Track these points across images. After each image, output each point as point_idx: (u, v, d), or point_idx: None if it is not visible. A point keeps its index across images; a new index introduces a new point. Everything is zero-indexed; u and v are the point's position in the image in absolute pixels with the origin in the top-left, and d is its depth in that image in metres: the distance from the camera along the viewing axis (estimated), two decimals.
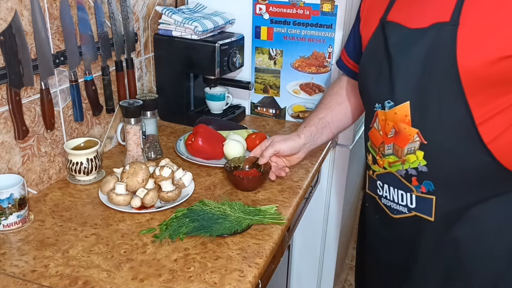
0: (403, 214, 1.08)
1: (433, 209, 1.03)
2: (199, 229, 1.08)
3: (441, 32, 0.93)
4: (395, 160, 1.05)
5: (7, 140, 1.15)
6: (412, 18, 0.99)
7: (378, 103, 1.05)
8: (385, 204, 1.13)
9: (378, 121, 1.07)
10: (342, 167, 1.82)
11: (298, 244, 2.00)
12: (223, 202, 1.17)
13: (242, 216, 1.13)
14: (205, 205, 1.16)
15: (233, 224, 1.10)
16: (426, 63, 0.95)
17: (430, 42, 0.94)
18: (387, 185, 1.10)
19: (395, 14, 1.04)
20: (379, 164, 1.10)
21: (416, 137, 0.99)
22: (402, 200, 1.07)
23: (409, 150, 1.01)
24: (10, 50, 1.10)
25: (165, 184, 1.20)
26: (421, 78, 0.96)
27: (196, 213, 1.12)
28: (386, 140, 1.06)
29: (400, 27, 1.01)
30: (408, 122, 1.00)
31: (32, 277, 0.95)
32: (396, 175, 1.06)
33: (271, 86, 1.81)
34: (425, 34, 0.95)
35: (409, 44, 0.98)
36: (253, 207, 1.17)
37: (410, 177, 1.03)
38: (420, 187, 1.03)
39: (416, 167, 1.01)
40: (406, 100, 0.99)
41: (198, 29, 1.59)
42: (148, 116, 1.44)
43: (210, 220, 1.10)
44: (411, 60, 0.97)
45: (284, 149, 1.29)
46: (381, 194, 1.13)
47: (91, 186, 1.30)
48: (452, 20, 0.91)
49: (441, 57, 0.93)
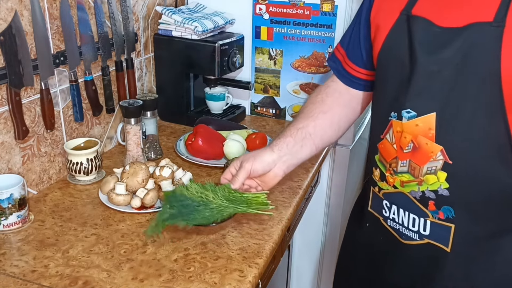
0: (414, 241, 0.94)
1: (450, 238, 0.90)
2: (176, 216, 0.97)
3: (482, 33, 0.80)
4: (410, 179, 0.91)
5: (7, 140, 1.15)
6: (443, 15, 0.85)
7: (394, 111, 0.90)
8: (392, 227, 0.98)
9: (392, 132, 0.92)
10: (342, 167, 1.82)
11: (298, 244, 2.00)
12: (208, 186, 1.03)
13: (225, 204, 1.00)
14: (187, 189, 1.02)
15: (213, 213, 0.98)
16: (460, 68, 0.82)
17: (466, 45, 0.81)
18: (396, 206, 0.96)
19: (421, 7, 0.89)
20: (389, 181, 0.95)
21: (440, 155, 0.86)
22: (414, 225, 0.93)
23: (429, 170, 0.88)
24: (10, 50, 1.10)
25: (165, 184, 1.20)
26: (453, 86, 0.83)
27: (177, 198, 1.00)
28: (400, 156, 0.91)
29: (428, 23, 0.86)
30: (431, 137, 0.86)
31: (32, 277, 0.95)
32: (408, 197, 0.92)
33: (271, 86, 1.81)
34: (460, 35, 0.82)
35: (439, 45, 0.84)
36: (239, 194, 1.03)
37: (426, 200, 0.90)
38: (437, 213, 0.90)
39: (436, 189, 0.88)
40: (431, 111, 0.85)
41: (198, 29, 1.59)
42: (148, 116, 1.44)
43: (189, 207, 0.98)
44: (442, 65, 0.83)
45: (256, 167, 1.04)
46: (387, 216, 0.99)
47: (91, 186, 1.30)
48: (496, 21, 0.79)
49: (480, 62, 0.80)
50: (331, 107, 1.12)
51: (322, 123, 1.10)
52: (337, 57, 1.13)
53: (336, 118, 1.12)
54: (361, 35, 1.05)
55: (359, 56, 1.07)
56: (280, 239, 1.13)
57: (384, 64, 0.95)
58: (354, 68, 1.09)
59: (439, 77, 0.84)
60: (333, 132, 1.13)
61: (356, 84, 1.11)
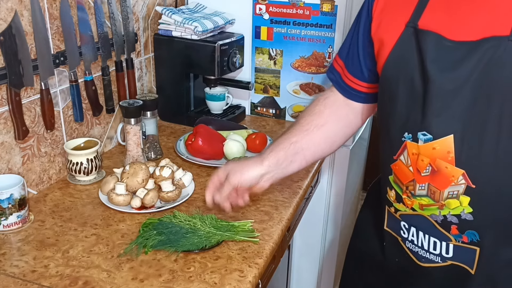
0: (435, 264, 0.90)
1: (475, 260, 0.86)
2: (165, 243, 1.03)
3: (500, 48, 0.75)
4: (430, 203, 0.86)
5: (7, 140, 1.15)
6: (454, 27, 0.80)
7: (408, 132, 0.85)
8: (410, 249, 0.94)
9: (407, 154, 0.87)
10: (342, 167, 1.82)
11: (298, 244, 2.00)
12: (195, 216, 1.11)
13: (213, 231, 1.06)
14: (175, 217, 1.09)
15: (202, 240, 1.03)
16: (478, 86, 0.77)
17: (484, 60, 0.76)
18: (415, 228, 0.91)
19: (429, 19, 0.83)
20: (406, 204, 0.90)
21: (461, 179, 0.81)
22: (435, 248, 0.89)
23: (450, 194, 0.83)
24: (10, 50, 1.10)
25: (165, 184, 1.20)
26: (473, 106, 0.77)
27: (165, 226, 1.06)
28: (418, 179, 0.86)
29: (439, 37, 0.81)
30: (451, 160, 0.81)
31: (32, 277, 0.95)
32: (429, 220, 0.88)
33: (271, 86, 1.81)
34: (476, 49, 0.77)
35: (453, 61, 0.78)
36: (226, 222, 1.10)
37: (449, 224, 0.85)
38: (461, 237, 0.86)
39: (459, 214, 0.83)
40: (449, 133, 0.80)
41: (198, 29, 1.59)
42: (148, 116, 1.44)
43: (178, 234, 1.04)
44: (458, 83, 0.78)
45: (243, 182, 1.02)
46: (406, 237, 0.94)
47: (91, 186, 1.30)
48: None
49: (501, 79, 0.75)
50: (327, 120, 1.07)
51: (316, 137, 1.06)
52: (336, 69, 1.08)
53: (331, 133, 1.08)
54: (359, 49, 1.01)
55: (359, 70, 1.03)
56: (280, 239, 1.13)
57: (392, 80, 0.89)
58: (354, 81, 1.05)
59: (456, 97, 0.78)
60: (326, 147, 1.09)
61: (356, 97, 1.07)
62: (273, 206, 1.23)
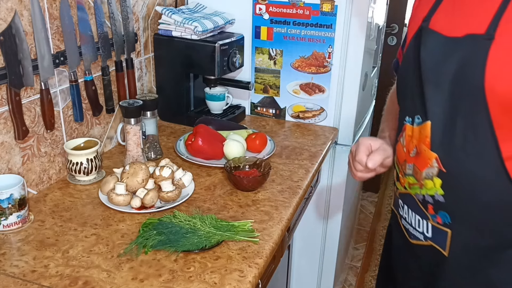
0: (420, 241, 0.98)
1: (447, 243, 0.92)
2: (165, 243, 1.03)
3: (473, 45, 0.80)
4: (414, 182, 0.94)
5: (7, 140, 1.15)
6: (450, 24, 0.87)
7: (409, 116, 0.94)
8: (404, 226, 1.03)
9: (405, 136, 0.96)
10: (342, 167, 1.82)
11: (298, 244, 2.00)
12: (194, 216, 1.11)
13: (213, 231, 1.06)
14: (175, 218, 1.10)
15: (201, 240, 1.03)
16: (455, 81, 0.83)
17: (461, 55, 0.82)
18: (407, 206, 1.00)
19: (439, 18, 0.90)
20: (401, 182, 1.00)
21: (435, 162, 0.88)
22: (419, 226, 0.97)
23: (427, 175, 0.90)
24: (10, 50, 1.10)
25: (165, 184, 1.20)
26: (449, 98, 0.84)
27: (164, 226, 1.06)
28: (408, 159, 0.95)
29: (436, 34, 0.88)
30: (428, 144, 0.88)
31: (32, 277, 0.95)
32: (414, 198, 0.96)
33: (271, 86, 1.81)
34: (459, 45, 0.83)
35: (442, 55, 0.86)
36: (226, 222, 1.11)
37: (426, 204, 0.93)
38: (436, 217, 0.92)
39: (433, 195, 0.90)
40: (429, 119, 0.88)
41: (198, 29, 1.59)
42: (148, 116, 1.44)
43: (177, 234, 1.04)
44: (441, 74, 0.85)
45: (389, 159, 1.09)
46: (402, 215, 1.03)
47: (91, 186, 1.30)
48: (488, 33, 0.78)
49: (469, 76, 0.80)
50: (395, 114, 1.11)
51: None
52: (397, 57, 1.14)
53: None
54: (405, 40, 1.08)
55: None
56: (280, 239, 1.13)
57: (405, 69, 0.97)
58: None
59: (438, 87, 0.86)
60: None
61: None
62: (273, 206, 1.23)
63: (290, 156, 1.53)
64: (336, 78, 1.72)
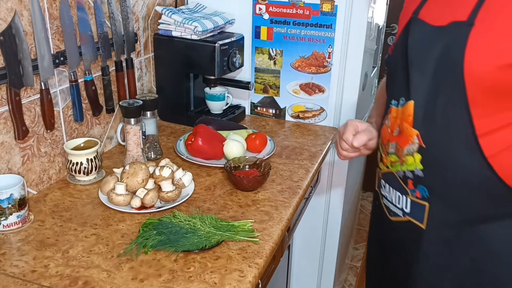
0: (399, 217, 1.06)
1: (425, 216, 0.99)
2: (165, 243, 1.03)
3: (456, 31, 0.88)
4: (396, 160, 1.02)
5: (7, 140, 1.15)
6: (438, 15, 0.95)
7: (394, 99, 1.04)
8: (385, 204, 1.10)
9: (390, 117, 1.05)
10: (342, 167, 1.82)
11: (298, 244, 2.00)
12: (194, 216, 1.11)
13: (213, 231, 1.06)
14: (175, 218, 1.10)
15: (201, 240, 1.03)
16: (439, 64, 0.91)
17: (445, 42, 0.90)
18: (388, 185, 1.07)
19: (427, 9, 0.99)
20: (384, 162, 1.08)
21: (416, 139, 0.96)
22: (399, 202, 1.04)
23: (408, 152, 0.98)
24: (10, 50, 1.10)
25: (165, 184, 1.20)
26: (431, 79, 0.92)
27: (164, 226, 1.06)
28: (391, 138, 1.04)
29: (424, 24, 0.97)
30: (410, 122, 0.97)
31: (32, 277, 0.95)
32: (395, 176, 1.04)
33: (271, 86, 1.81)
34: (443, 33, 0.91)
35: (427, 42, 0.94)
36: (226, 222, 1.11)
37: (406, 179, 1.01)
38: (415, 191, 1.00)
39: (413, 170, 0.98)
40: (412, 99, 0.96)
41: (198, 29, 1.59)
42: (148, 116, 1.44)
43: (177, 234, 1.04)
44: (426, 59, 0.93)
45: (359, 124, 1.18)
46: (383, 194, 1.11)
47: (91, 186, 1.30)
48: (469, 20, 0.86)
49: (451, 58, 0.89)
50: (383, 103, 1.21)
51: None
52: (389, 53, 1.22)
53: None
54: None
55: None
56: (280, 239, 1.13)
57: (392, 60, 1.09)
58: None
59: (423, 70, 0.94)
60: None
61: None
62: (273, 206, 1.23)
63: (290, 156, 1.53)
64: (336, 78, 1.72)
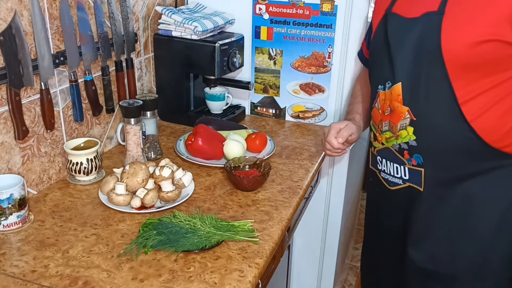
0: (399, 186, 1.22)
1: (422, 180, 1.16)
2: (165, 243, 1.03)
3: (430, 20, 1.06)
4: (391, 135, 1.18)
5: (7, 140, 1.15)
6: (410, 9, 1.13)
7: (381, 84, 1.20)
8: (383, 178, 1.26)
9: (379, 100, 1.21)
10: (342, 167, 1.82)
11: (298, 244, 2.00)
12: (194, 216, 1.11)
13: (213, 231, 1.06)
14: (175, 218, 1.10)
15: (202, 240, 1.03)
16: (416, 48, 1.09)
17: (420, 30, 1.08)
18: (385, 159, 1.23)
19: (398, 5, 1.17)
20: (378, 140, 1.24)
21: (407, 114, 1.13)
22: (397, 172, 1.21)
23: (401, 126, 1.15)
24: (10, 50, 1.10)
25: (165, 184, 1.20)
26: (412, 62, 1.10)
27: (164, 226, 1.06)
28: (383, 118, 1.20)
29: (399, 17, 1.15)
30: (400, 101, 1.13)
31: (32, 277, 0.95)
32: (391, 150, 1.20)
33: (271, 86, 1.81)
34: (417, 23, 1.09)
35: (404, 31, 1.12)
36: (226, 222, 1.11)
37: (402, 151, 1.17)
38: (411, 160, 1.16)
39: (407, 141, 1.14)
40: (399, 81, 1.12)
41: (198, 29, 1.59)
42: (148, 116, 1.44)
43: (178, 234, 1.04)
44: (405, 46, 1.11)
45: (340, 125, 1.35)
46: (381, 169, 1.26)
47: (91, 186, 1.30)
48: (440, 10, 1.05)
49: (428, 43, 1.06)
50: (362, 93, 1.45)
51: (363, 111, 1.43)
52: (362, 47, 1.49)
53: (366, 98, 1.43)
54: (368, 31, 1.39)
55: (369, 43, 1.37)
56: (280, 239, 1.13)
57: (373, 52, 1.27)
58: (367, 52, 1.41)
59: (404, 56, 1.11)
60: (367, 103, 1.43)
61: None
62: (273, 206, 1.23)
63: (290, 156, 1.53)
64: (336, 78, 1.72)
